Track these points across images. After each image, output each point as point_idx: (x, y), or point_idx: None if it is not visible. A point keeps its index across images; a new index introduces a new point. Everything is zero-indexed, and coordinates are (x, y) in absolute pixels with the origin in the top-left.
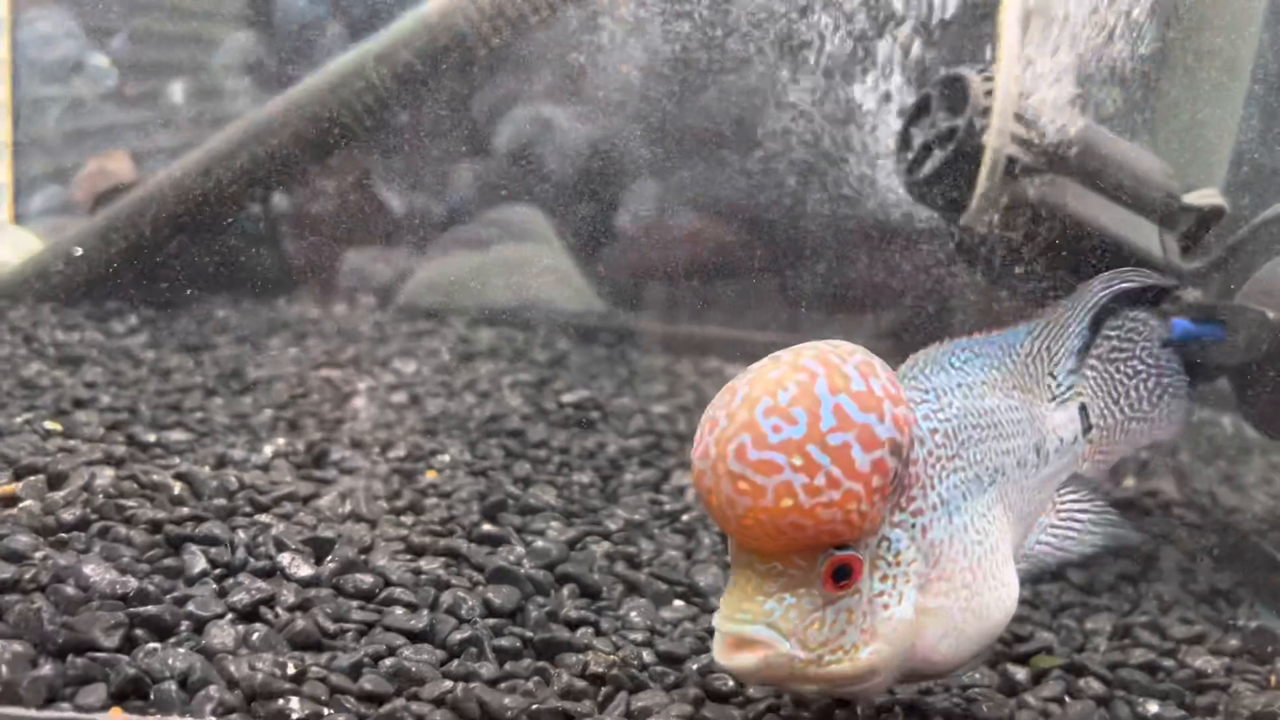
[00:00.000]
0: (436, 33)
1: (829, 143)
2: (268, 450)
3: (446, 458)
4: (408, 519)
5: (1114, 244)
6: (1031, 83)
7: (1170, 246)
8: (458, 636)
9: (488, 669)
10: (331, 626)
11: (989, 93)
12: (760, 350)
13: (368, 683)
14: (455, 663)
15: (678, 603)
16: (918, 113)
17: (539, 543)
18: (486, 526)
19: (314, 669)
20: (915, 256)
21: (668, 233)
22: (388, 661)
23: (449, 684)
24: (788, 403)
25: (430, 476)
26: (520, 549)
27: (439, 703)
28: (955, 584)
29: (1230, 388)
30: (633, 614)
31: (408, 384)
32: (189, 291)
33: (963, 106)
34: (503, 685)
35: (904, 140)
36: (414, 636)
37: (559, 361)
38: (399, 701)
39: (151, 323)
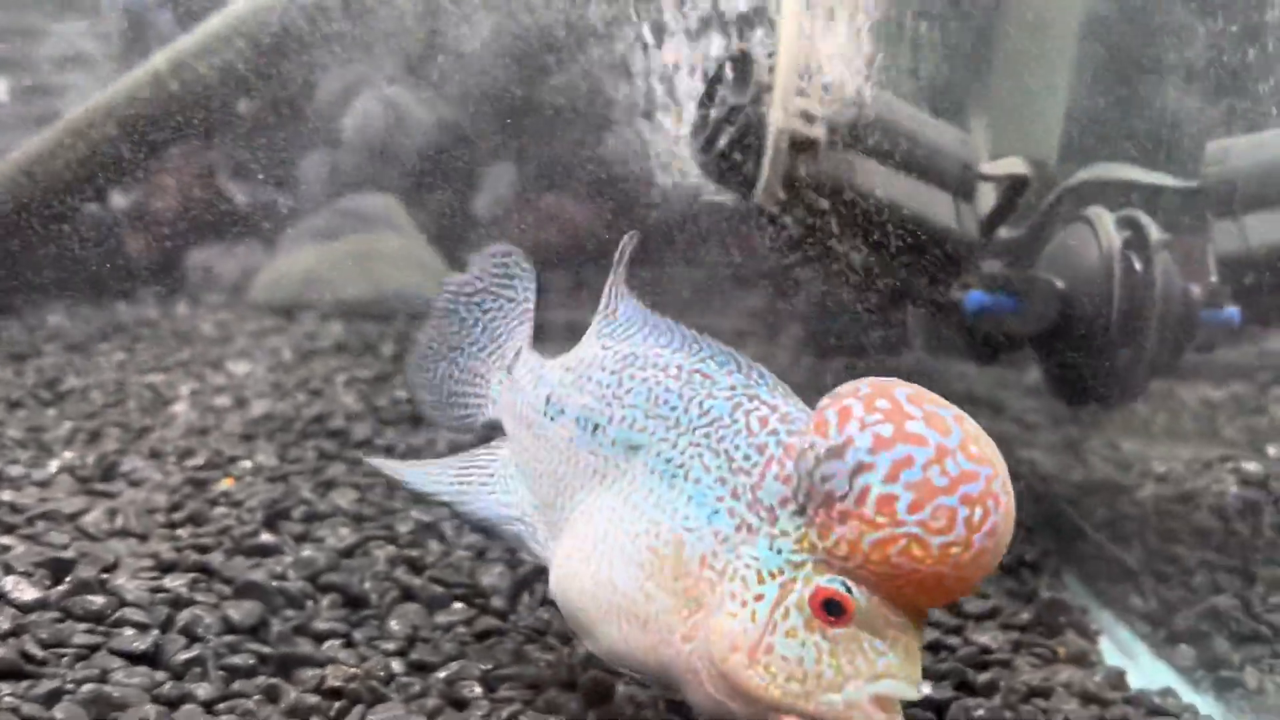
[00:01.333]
0: (268, 18)
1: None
2: (53, 465)
3: (249, 464)
4: (184, 531)
5: (908, 218)
6: (815, 58)
7: (967, 217)
8: (184, 657)
9: (206, 690)
10: (41, 653)
11: (773, 69)
12: None
13: (60, 711)
14: (170, 685)
15: (456, 605)
16: (711, 91)
17: (307, 551)
18: (264, 536)
19: (7, 699)
20: (728, 238)
21: (526, 214)
22: (87, 688)
23: (151, 709)
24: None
25: (226, 484)
26: (289, 559)
27: None
28: None
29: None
30: (393, 623)
31: (236, 386)
32: (20, 298)
33: (749, 84)
34: (220, 706)
35: (700, 120)
36: (135, 659)
37: (406, 355)
38: None
39: None
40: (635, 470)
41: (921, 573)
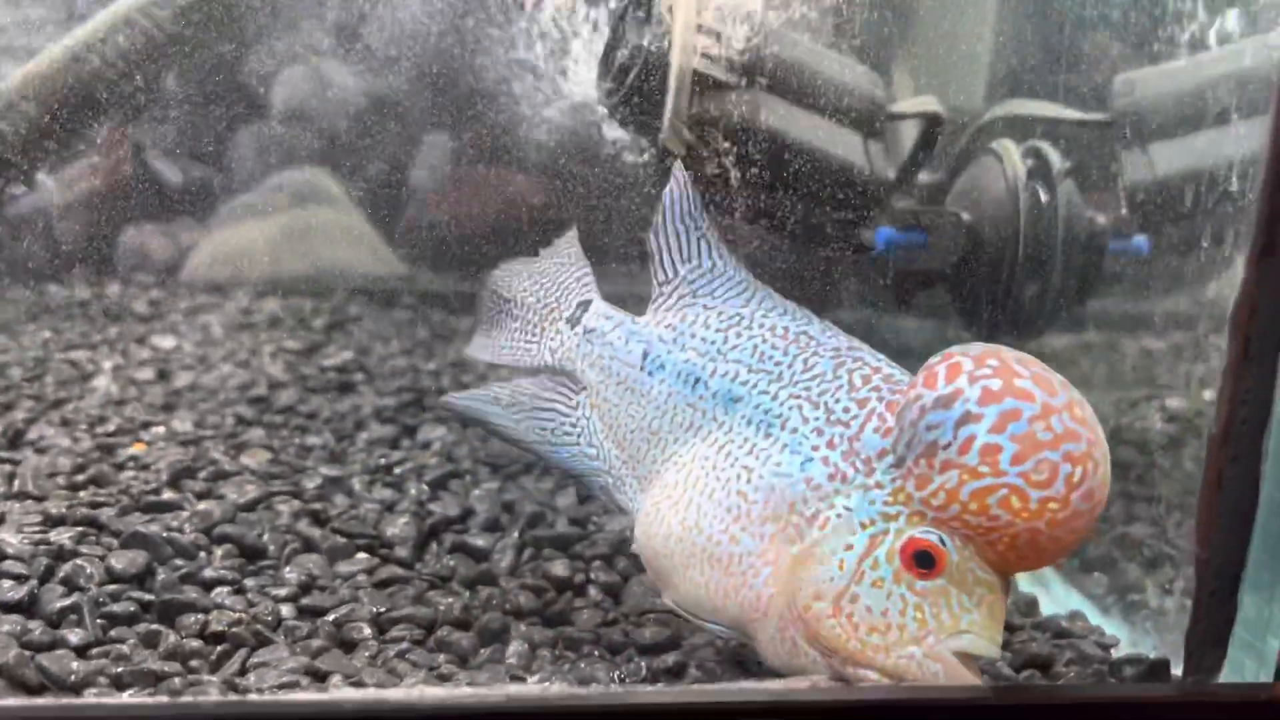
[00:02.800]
0: None
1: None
2: None
3: (162, 430)
4: (84, 494)
5: (815, 157)
6: None
7: (877, 156)
8: (60, 605)
9: (79, 636)
10: None
11: (671, 7)
12: None
13: None
14: (41, 631)
15: (360, 555)
16: (616, 34)
17: (204, 505)
18: (165, 495)
19: None
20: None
21: (461, 186)
22: None
23: (14, 653)
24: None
25: (136, 450)
26: (186, 513)
27: None
28: None
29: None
30: (289, 572)
31: (160, 360)
32: None
33: (650, 24)
34: (94, 651)
35: (605, 64)
36: (9, 608)
37: (338, 327)
38: None
39: None
40: (733, 422)
41: (1017, 527)
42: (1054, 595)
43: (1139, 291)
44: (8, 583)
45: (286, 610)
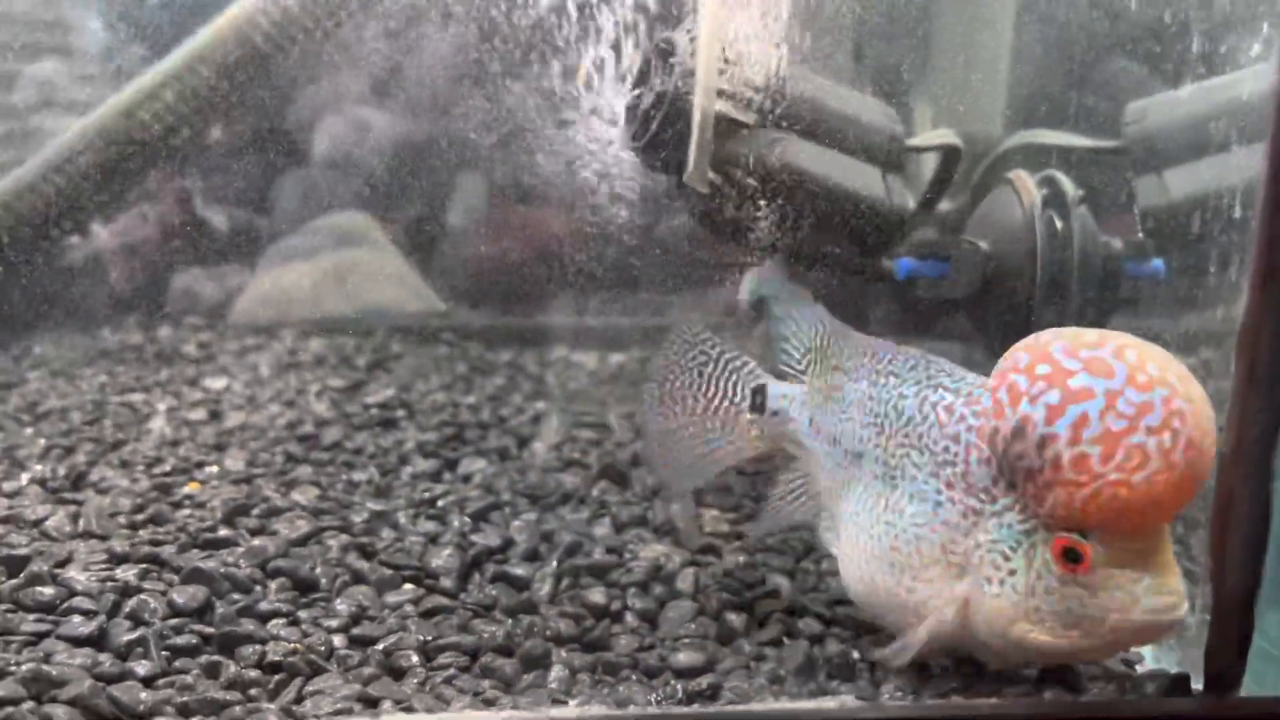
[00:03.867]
0: (231, 45)
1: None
2: (24, 478)
3: (215, 469)
4: (144, 532)
5: (836, 192)
6: (737, 41)
7: (896, 189)
8: (127, 638)
9: (146, 667)
10: None
11: (695, 54)
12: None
13: (0, 689)
14: (111, 663)
15: (406, 586)
16: (641, 80)
17: (258, 541)
18: (221, 531)
19: None
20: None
21: (499, 225)
22: (27, 667)
23: (89, 684)
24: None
25: (191, 488)
26: (241, 549)
27: (71, 704)
28: None
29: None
30: (340, 603)
31: (212, 401)
32: (6, 330)
33: (673, 70)
34: (160, 682)
35: (631, 108)
36: (80, 642)
37: (381, 365)
38: (27, 705)
39: None
40: (865, 477)
41: (1138, 506)
42: None
43: (1158, 312)
44: (78, 618)
45: (339, 640)
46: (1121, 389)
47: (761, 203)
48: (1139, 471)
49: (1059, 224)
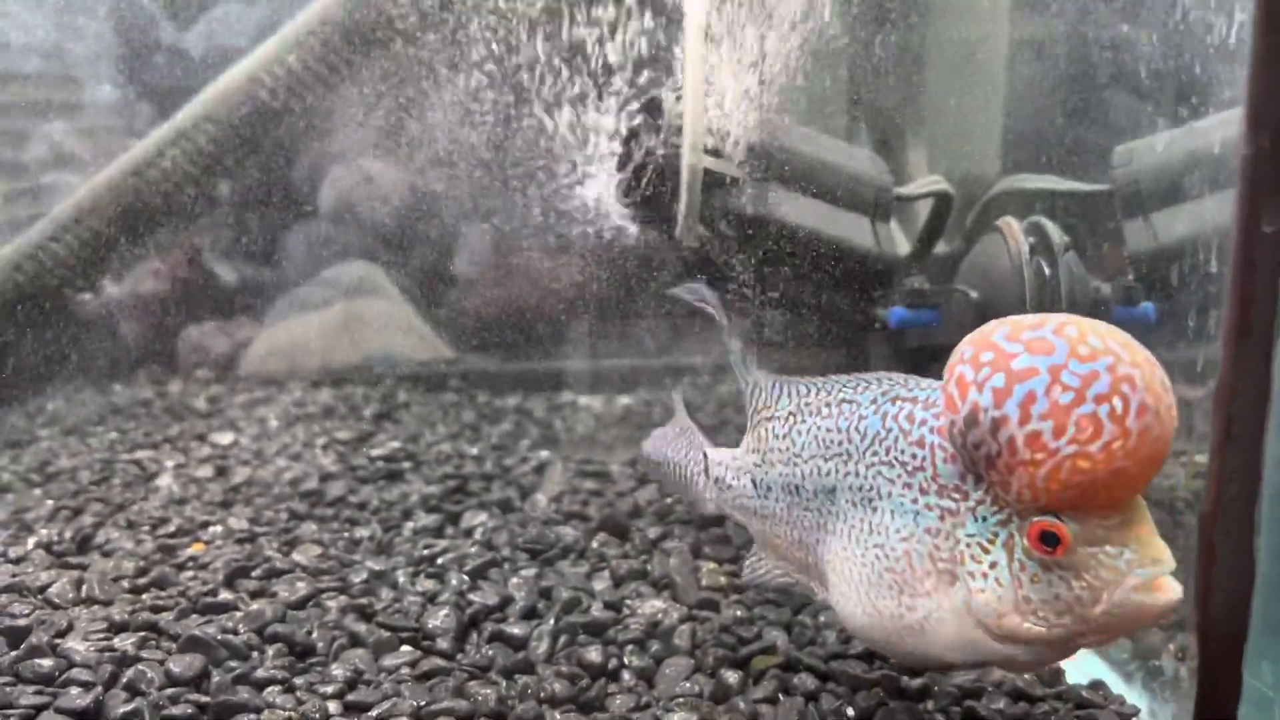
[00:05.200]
0: (237, 102)
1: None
2: (31, 542)
3: (219, 529)
4: (147, 596)
5: (826, 243)
6: (722, 98)
7: (886, 237)
8: (123, 710)
9: None
10: None
11: (681, 112)
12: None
13: None
14: None
15: (404, 648)
16: (629, 139)
17: (256, 605)
18: (222, 594)
19: None
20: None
21: (504, 272)
22: None
23: None
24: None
25: (195, 549)
26: (239, 614)
27: None
28: None
29: None
30: (336, 668)
31: (219, 456)
32: (18, 387)
33: (660, 128)
34: None
35: (621, 165)
36: (77, 715)
37: (388, 415)
38: None
39: None
40: (842, 510)
41: (1102, 477)
42: (1078, 662)
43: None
44: (76, 689)
45: (333, 707)
46: (1065, 362)
47: (750, 255)
48: (1094, 441)
49: (1047, 271)
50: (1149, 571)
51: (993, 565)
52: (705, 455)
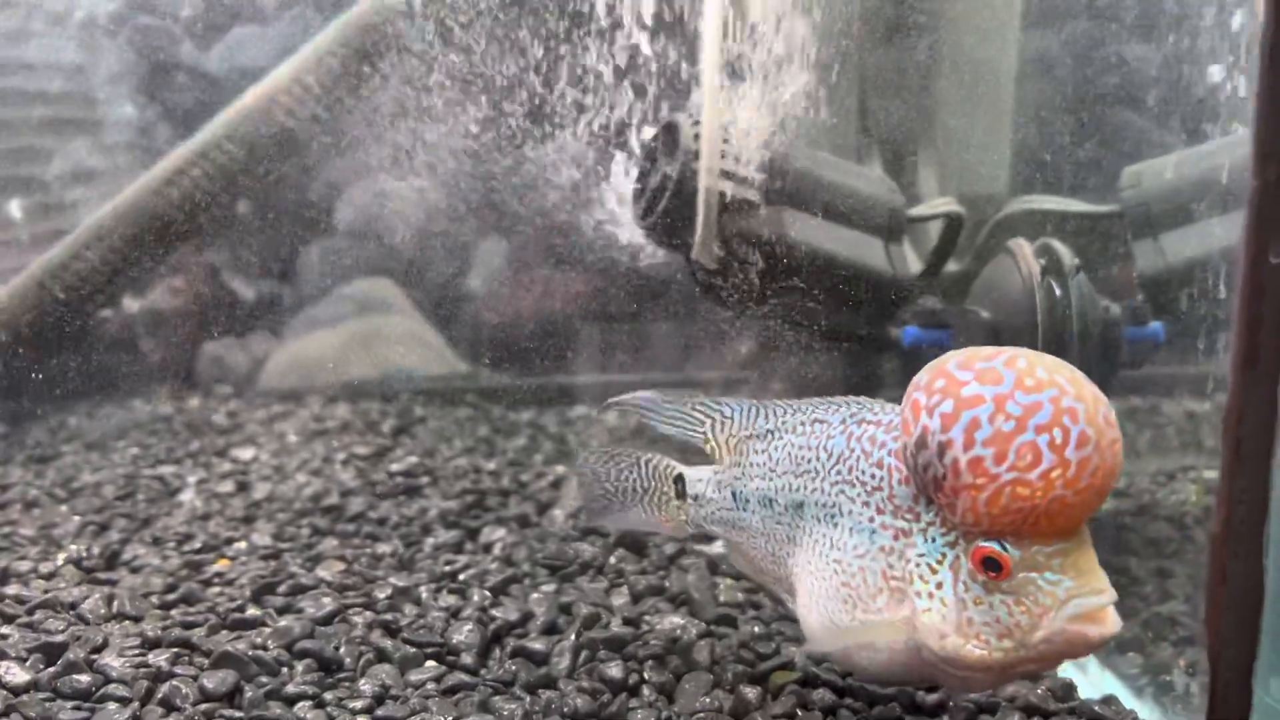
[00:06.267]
0: (256, 121)
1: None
2: (60, 558)
3: (244, 545)
4: (176, 612)
5: (840, 264)
6: (737, 122)
7: (898, 258)
8: None
9: None
10: None
11: (697, 136)
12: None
13: None
14: None
15: (429, 663)
16: (647, 162)
17: (284, 621)
18: (250, 611)
19: None
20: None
21: (519, 288)
22: None
23: None
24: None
25: (221, 565)
26: (268, 630)
27: None
28: None
29: None
30: (364, 684)
31: (240, 472)
32: (41, 403)
33: (677, 152)
34: None
35: (639, 189)
36: None
37: (406, 430)
38: None
39: (3, 439)
40: (808, 524)
41: (1041, 505)
42: (1090, 677)
43: (1158, 374)
44: (113, 705)
45: None
46: (1010, 393)
47: (766, 276)
48: (1033, 469)
49: (1058, 292)
50: (1088, 601)
51: (939, 585)
52: (681, 475)
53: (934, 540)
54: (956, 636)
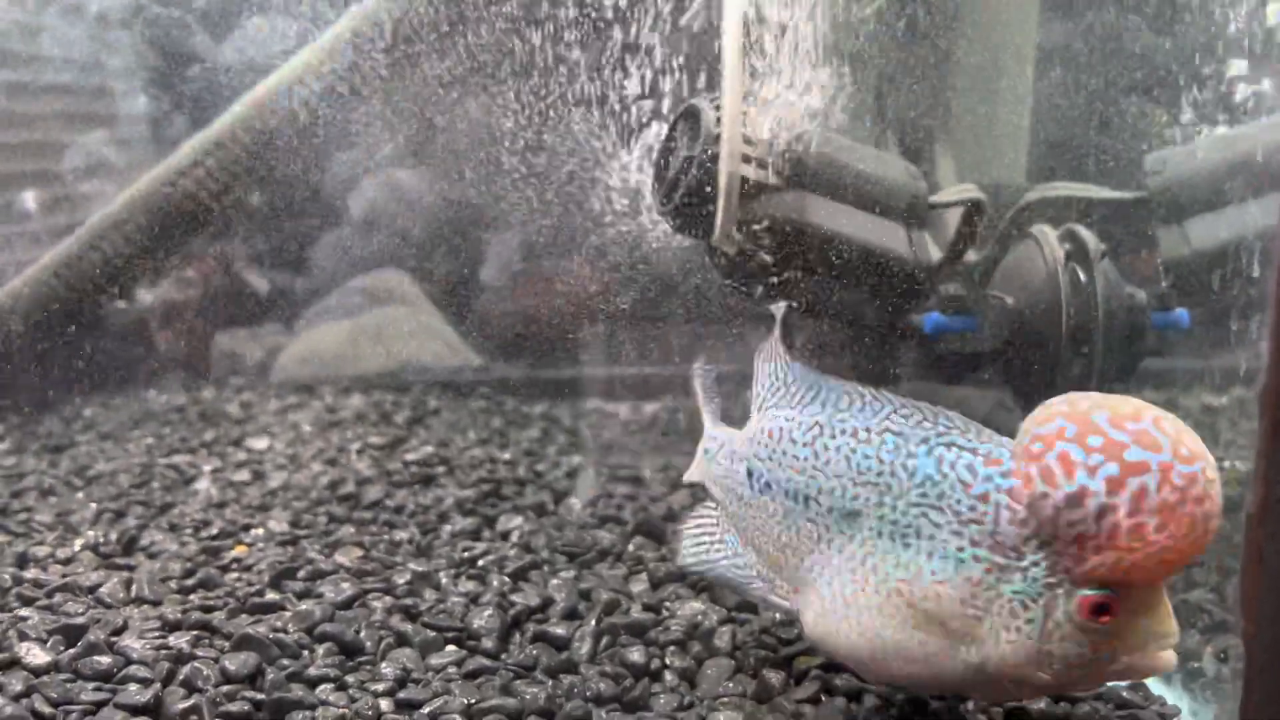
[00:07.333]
0: (267, 113)
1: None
2: (78, 544)
3: (261, 531)
4: (195, 596)
5: (862, 250)
6: (759, 107)
7: (920, 244)
8: (182, 706)
9: None
10: (50, 710)
11: (719, 120)
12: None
13: None
14: None
15: (450, 648)
16: (667, 146)
17: (304, 605)
18: (269, 595)
19: None
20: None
21: (532, 280)
22: None
23: None
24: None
25: (238, 551)
26: (288, 614)
27: None
28: None
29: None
30: (385, 667)
31: (255, 461)
32: (55, 393)
33: (698, 136)
34: None
35: (659, 173)
36: (137, 710)
37: (419, 421)
38: None
39: (18, 428)
40: (861, 534)
41: (1171, 567)
42: None
43: (1185, 359)
44: (135, 686)
45: (385, 704)
46: (1172, 462)
47: (786, 261)
48: (1187, 538)
49: (1082, 278)
50: (1164, 641)
51: (1029, 621)
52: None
53: (1035, 580)
54: (1030, 666)
